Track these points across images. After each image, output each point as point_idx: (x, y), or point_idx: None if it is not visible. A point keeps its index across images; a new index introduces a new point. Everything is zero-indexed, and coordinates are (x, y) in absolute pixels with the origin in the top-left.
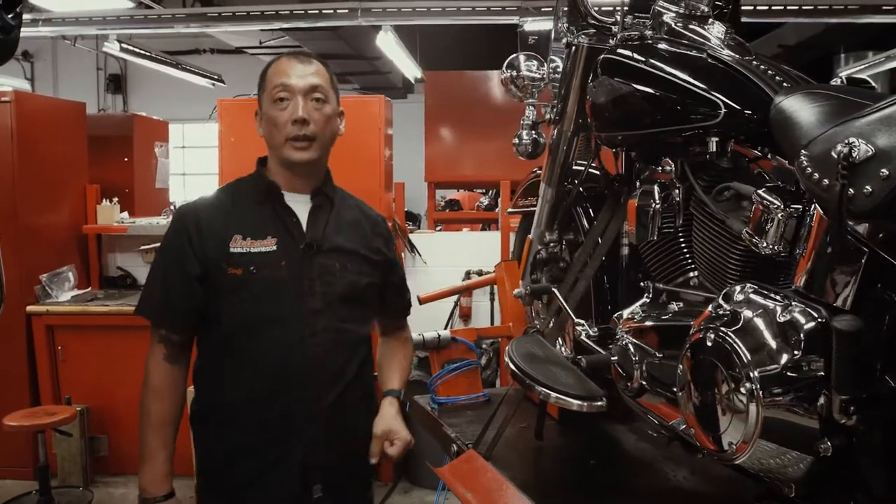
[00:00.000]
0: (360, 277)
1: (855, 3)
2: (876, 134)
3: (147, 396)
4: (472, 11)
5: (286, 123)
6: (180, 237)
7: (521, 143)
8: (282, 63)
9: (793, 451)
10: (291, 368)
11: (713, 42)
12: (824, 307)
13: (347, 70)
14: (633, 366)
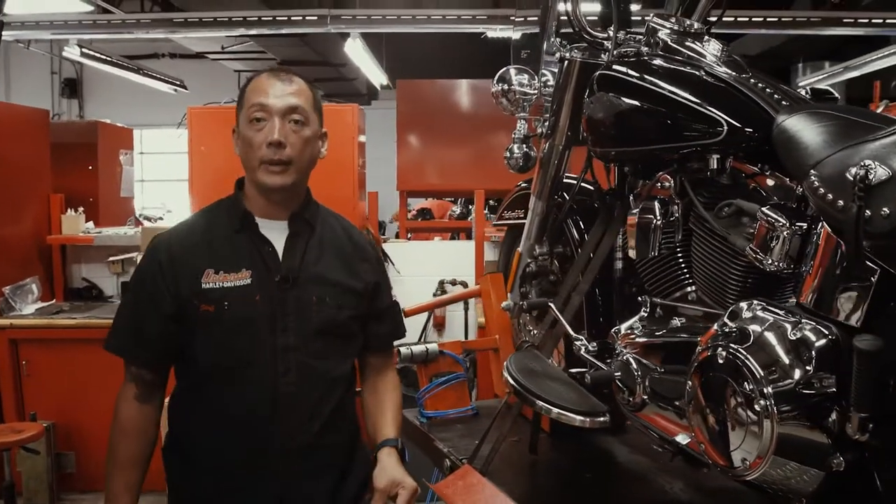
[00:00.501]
0: (338, 311)
1: (817, 16)
2: (892, 157)
3: (115, 436)
4: (442, 20)
5: (261, 145)
6: (152, 272)
7: (513, 156)
8: (261, 81)
9: (804, 467)
10: (262, 407)
11: (710, 59)
12: (834, 324)
13: (311, 76)
14: (636, 381)
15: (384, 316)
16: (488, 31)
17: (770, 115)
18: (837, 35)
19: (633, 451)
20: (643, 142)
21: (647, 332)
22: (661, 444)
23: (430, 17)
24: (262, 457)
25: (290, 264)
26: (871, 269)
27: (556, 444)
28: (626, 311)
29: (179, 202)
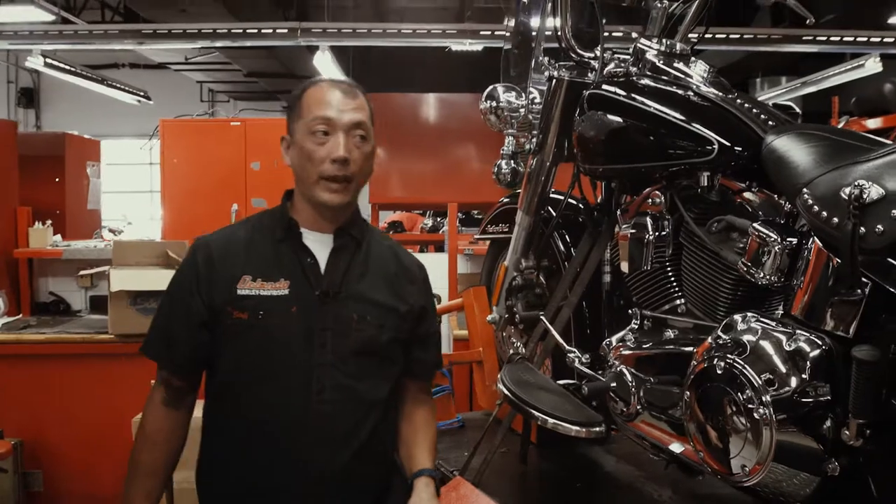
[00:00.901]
0: (380, 332)
1: (777, 34)
2: (884, 177)
3: (139, 441)
4: (412, 34)
5: (323, 160)
6: (189, 275)
7: (501, 172)
8: (323, 91)
9: (800, 472)
10: (294, 427)
11: (696, 79)
12: (827, 335)
13: (277, 88)
14: (630, 391)
15: (429, 342)
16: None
17: (758, 134)
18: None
19: (620, 461)
20: (634, 159)
21: (639, 344)
22: (655, 454)
23: (399, 31)
24: (293, 480)
25: (331, 279)
26: (863, 283)
27: (544, 454)
28: (616, 323)
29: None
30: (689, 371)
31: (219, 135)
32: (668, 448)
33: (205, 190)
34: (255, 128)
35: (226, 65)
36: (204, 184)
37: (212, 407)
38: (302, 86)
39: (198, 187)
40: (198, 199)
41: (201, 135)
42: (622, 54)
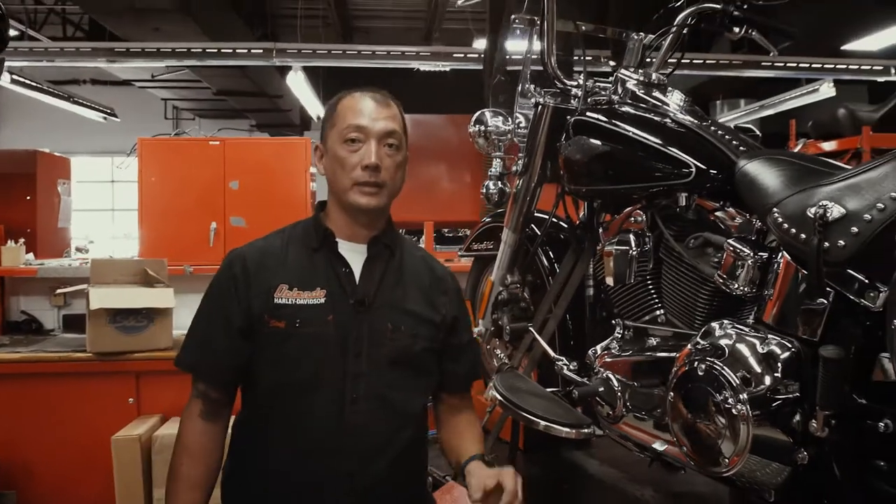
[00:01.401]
0: (414, 341)
1: (738, 59)
2: (844, 199)
3: (179, 456)
4: (387, 55)
5: (355, 167)
6: (227, 285)
7: (489, 192)
8: (357, 100)
9: (773, 462)
10: (328, 436)
11: (673, 108)
12: (796, 339)
13: (247, 107)
14: (616, 395)
15: (462, 354)
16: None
17: (731, 158)
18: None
19: (603, 464)
20: (618, 181)
21: (623, 352)
22: (639, 452)
23: (374, 53)
24: (327, 490)
25: (366, 288)
26: (827, 292)
27: (531, 459)
28: (600, 333)
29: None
30: (672, 374)
31: (197, 154)
32: (651, 446)
33: (183, 208)
34: (234, 147)
35: (193, 83)
36: (182, 202)
37: (246, 418)
38: (337, 96)
39: (176, 206)
40: (176, 218)
41: (180, 153)
42: (602, 82)
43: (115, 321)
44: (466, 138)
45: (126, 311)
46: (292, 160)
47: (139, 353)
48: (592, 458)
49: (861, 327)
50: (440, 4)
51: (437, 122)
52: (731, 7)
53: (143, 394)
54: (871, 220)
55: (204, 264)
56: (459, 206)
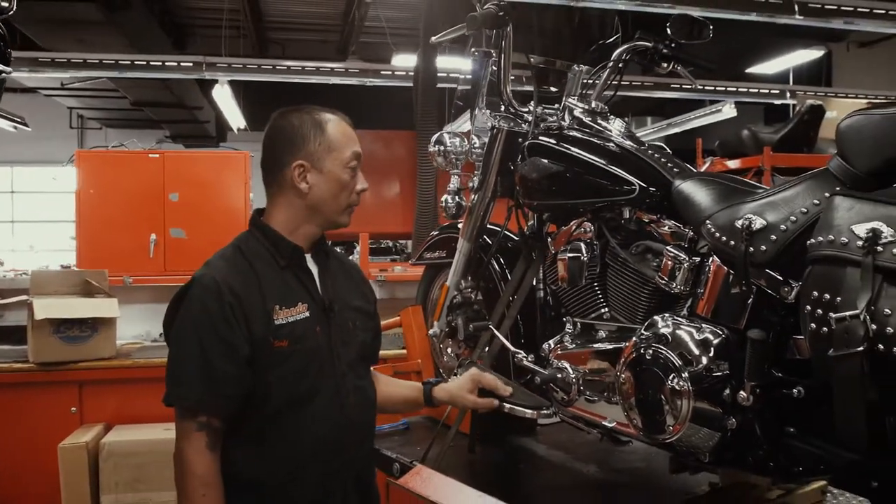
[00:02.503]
0: (366, 333)
1: (650, 81)
2: (765, 212)
3: (195, 489)
4: (316, 71)
5: (352, 191)
6: (222, 313)
7: (447, 205)
8: (347, 127)
9: (707, 429)
10: (332, 433)
11: (615, 133)
12: (725, 327)
13: (164, 118)
14: (570, 381)
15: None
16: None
17: (667, 178)
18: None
19: (551, 448)
20: (570, 196)
21: (575, 345)
22: (590, 431)
23: (304, 69)
24: (335, 482)
25: (328, 294)
26: (751, 289)
27: (488, 446)
28: (552, 330)
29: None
30: (622, 359)
31: (137, 166)
32: (602, 424)
33: (122, 220)
34: (173, 160)
35: (103, 92)
36: (121, 214)
37: (249, 444)
38: (317, 117)
39: (115, 217)
40: (115, 230)
41: (119, 166)
42: (549, 108)
43: (58, 331)
44: (395, 153)
45: (70, 322)
46: (232, 173)
47: (83, 362)
48: (540, 443)
49: (778, 316)
50: (357, 18)
51: (367, 137)
52: (661, 45)
53: (86, 403)
54: (787, 230)
55: (144, 275)
56: (391, 218)
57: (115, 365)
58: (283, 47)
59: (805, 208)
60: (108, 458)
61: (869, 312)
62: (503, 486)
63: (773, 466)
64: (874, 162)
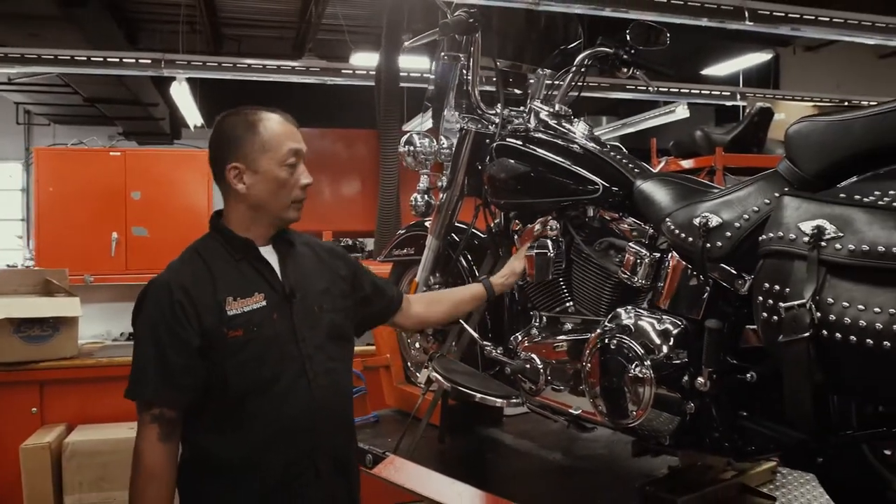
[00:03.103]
0: (336, 314)
1: (606, 82)
2: (721, 211)
3: (141, 480)
4: (277, 70)
5: (294, 187)
6: (172, 310)
7: (417, 204)
8: (285, 125)
9: (667, 413)
10: (303, 416)
11: (579, 135)
12: (684, 318)
13: (118, 114)
14: (538, 371)
15: (378, 289)
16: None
17: (629, 178)
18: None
19: (517, 438)
20: (537, 195)
21: (542, 337)
22: (556, 419)
23: (264, 67)
24: (308, 461)
25: (289, 281)
26: (707, 282)
27: (457, 436)
28: (520, 323)
29: None
30: (588, 349)
31: (97, 164)
32: (569, 411)
33: (82, 219)
34: (135, 158)
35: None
36: (81, 213)
37: (212, 430)
38: (251, 118)
39: (75, 216)
40: (75, 228)
41: (79, 164)
42: (515, 111)
43: (19, 331)
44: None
45: (31, 321)
46: (194, 171)
47: (44, 362)
48: (507, 433)
49: (733, 307)
50: (314, 15)
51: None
52: (621, 51)
53: (46, 403)
54: (740, 227)
55: (105, 274)
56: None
57: (76, 364)
58: (239, 44)
59: (757, 207)
60: (71, 457)
61: (814, 301)
62: (473, 473)
63: (729, 447)
64: (819, 165)
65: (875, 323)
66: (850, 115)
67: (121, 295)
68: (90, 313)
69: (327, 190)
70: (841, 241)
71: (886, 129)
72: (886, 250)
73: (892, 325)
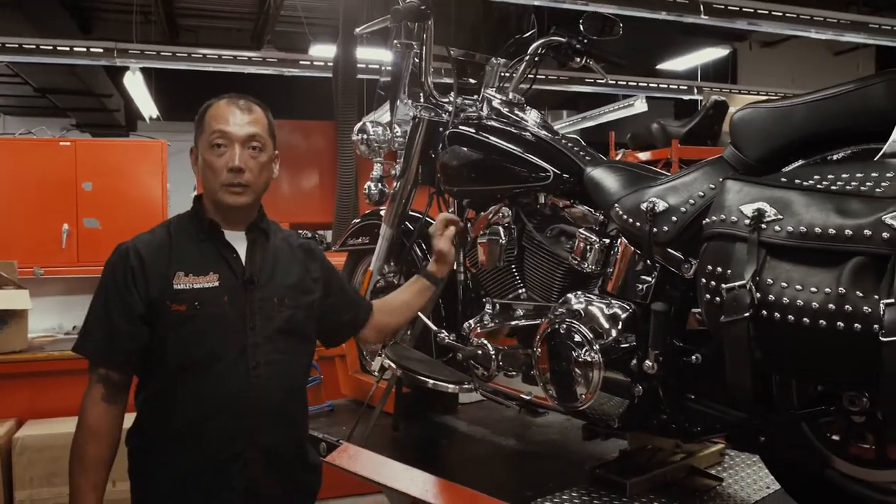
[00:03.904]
0: (296, 311)
1: (565, 75)
2: (667, 196)
3: (82, 438)
4: (233, 60)
5: (222, 170)
6: (124, 275)
7: (370, 192)
8: (222, 108)
9: (616, 397)
10: (237, 398)
11: (531, 123)
12: (632, 303)
13: (70, 105)
14: (490, 357)
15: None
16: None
17: (580, 166)
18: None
19: (471, 425)
20: (489, 183)
21: (494, 323)
22: (508, 404)
23: (220, 57)
24: (236, 449)
25: (252, 269)
26: (654, 267)
27: (411, 424)
28: (472, 310)
29: None
30: (539, 334)
31: (46, 154)
32: (520, 396)
33: (31, 210)
34: (86, 148)
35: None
36: (30, 204)
37: (153, 401)
38: (205, 104)
39: (23, 207)
40: (23, 220)
41: (26, 154)
42: (468, 99)
43: None
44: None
45: None
46: (148, 162)
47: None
48: (461, 420)
49: (679, 291)
50: (272, 7)
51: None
52: (574, 41)
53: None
54: (686, 212)
55: (56, 266)
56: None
57: (26, 358)
58: (196, 35)
59: (702, 192)
60: (21, 452)
61: (754, 282)
62: (427, 460)
63: (676, 429)
64: (762, 150)
65: (811, 302)
66: (791, 102)
67: (72, 288)
68: (41, 306)
69: (285, 182)
70: (780, 224)
71: (825, 115)
72: (823, 231)
73: (827, 304)
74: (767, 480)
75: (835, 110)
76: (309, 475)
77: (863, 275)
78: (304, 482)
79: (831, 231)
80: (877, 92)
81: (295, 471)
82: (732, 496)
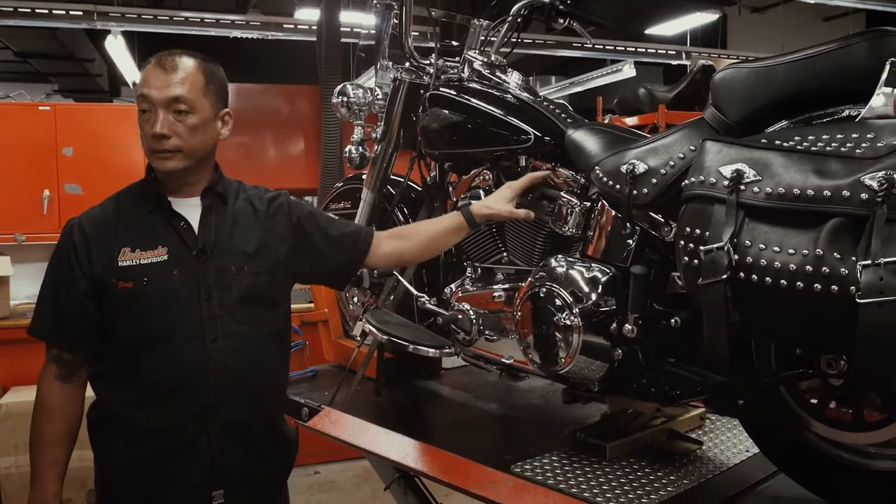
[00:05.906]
0: (257, 278)
1: (552, 39)
2: (647, 158)
3: (38, 416)
4: (216, 24)
5: (148, 136)
6: (67, 253)
7: (352, 156)
8: (148, 70)
9: (596, 360)
10: (194, 373)
11: (512, 86)
12: (613, 266)
13: (52, 70)
14: (471, 322)
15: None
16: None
17: (561, 128)
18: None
19: (453, 390)
20: (469, 146)
21: (475, 287)
22: (489, 368)
23: (202, 20)
24: (198, 425)
25: (206, 237)
26: (635, 229)
27: (393, 389)
28: (454, 274)
29: None
30: (520, 298)
31: (25, 120)
32: (501, 360)
33: (11, 176)
34: (66, 113)
35: None
36: (9, 170)
37: (109, 378)
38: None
39: (3, 173)
40: (3, 186)
41: (4, 119)
42: (451, 62)
43: None
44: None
45: None
46: (129, 126)
47: None
48: (444, 386)
49: (659, 254)
50: None
51: (270, 92)
52: (557, 2)
53: None
54: (666, 174)
55: (38, 233)
56: (295, 174)
57: (9, 325)
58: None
59: (682, 154)
60: (5, 419)
61: (732, 244)
62: (408, 424)
63: (655, 392)
64: (743, 111)
65: (789, 264)
66: (772, 62)
67: None
68: (24, 273)
69: (271, 147)
70: (759, 185)
71: (806, 75)
72: (801, 193)
73: (804, 265)
74: (747, 444)
75: (816, 69)
76: (281, 448)
77: (840, 236)
78: (274, 456)
79: (810, 192)
80: (858, 51)
81: (264, 444)
82: (712, 459)
